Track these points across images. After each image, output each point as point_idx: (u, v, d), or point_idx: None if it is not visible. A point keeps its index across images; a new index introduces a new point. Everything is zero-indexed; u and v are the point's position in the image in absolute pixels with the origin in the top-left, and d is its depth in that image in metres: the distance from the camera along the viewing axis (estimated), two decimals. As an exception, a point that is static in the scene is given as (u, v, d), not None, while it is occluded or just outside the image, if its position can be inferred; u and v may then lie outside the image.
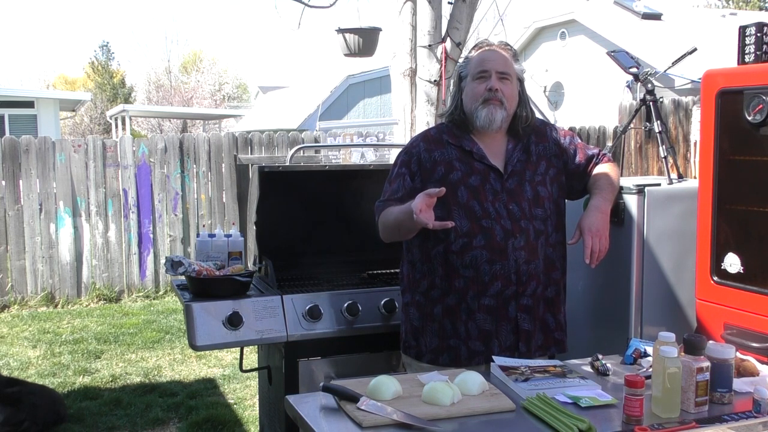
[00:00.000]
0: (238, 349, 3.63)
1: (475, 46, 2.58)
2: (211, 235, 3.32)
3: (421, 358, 2.51)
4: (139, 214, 7.68)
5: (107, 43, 51.16)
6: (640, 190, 3.46)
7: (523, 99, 2.56)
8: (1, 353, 5.77)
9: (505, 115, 2.47)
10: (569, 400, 1.89)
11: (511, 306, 2.43)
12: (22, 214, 7.25)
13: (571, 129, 9.03)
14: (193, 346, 2.76)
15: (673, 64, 4.18)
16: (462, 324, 2.44)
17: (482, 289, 2.41)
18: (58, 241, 7.38)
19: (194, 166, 7.89)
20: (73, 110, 23.43)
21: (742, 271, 2.94)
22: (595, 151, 2.72)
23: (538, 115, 2.78)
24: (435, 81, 4.61)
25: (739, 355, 2.03)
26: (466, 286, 2.42)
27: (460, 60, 2.92)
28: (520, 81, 2.56)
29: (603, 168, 2.67)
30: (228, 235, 3.31)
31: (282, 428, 2.92)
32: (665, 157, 3.90)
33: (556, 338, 2.56)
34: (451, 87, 2.61)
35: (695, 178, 3.38)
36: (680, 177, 3.85)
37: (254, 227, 3.24)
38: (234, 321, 2.74)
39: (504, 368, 2.14)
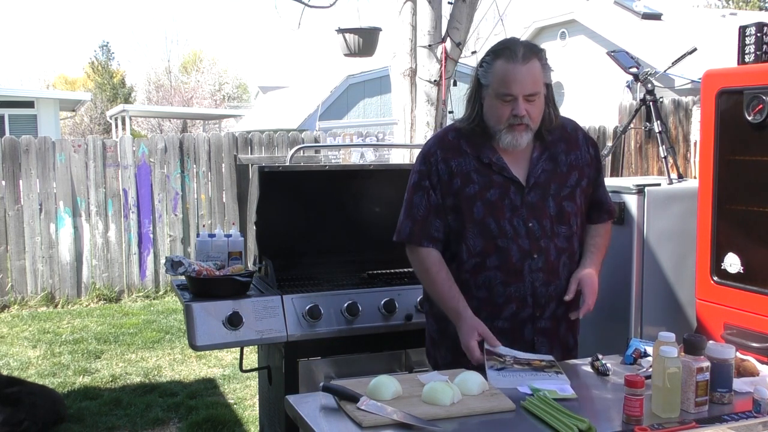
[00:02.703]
0: (238, 349, 3.63)
1: (495, 51, 2.25)
2: (211, 235, 3.32)
3: (437, 369, 2.38)
4: (139, 214, 7.68)
5: (107, 43, 51.11)
6: (640, 190, 3.46)
7: (548, 101, 2.31)
8: (1, 353, 5.77)
9: (531, 136, 2.27)
10: (529, 391, 1.91)
11: (527, 329, 2.30)
12: (22, 214, 7.25)
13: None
14: (193, 346, 2.76)
15: (673, 64, 4.18)
16: None
17: (496, 311, 2.28)
18: (58, 241, 7.38)
19: (194, 166, 7.89)
20: (73, 110, 23.43)
21: (742, 271, 2.94)
22: (611, 203, 2.54)
23: None
24: (435, 81, 4.61)
25: (739, 355, 2.03)
26: (479, 307, 2.28)
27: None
28: (548, 86, 2.29)
29: (607, 227, 2.50)
30: (228, 235, 3.31)
31: (282, 428, 2.92)
32: (665, 157, 3.90)
33: (573, 357, 2.41)
34: (467, 90, 2.36)
35: (695, 178, 3.38)
36: (680, 177, 3.85)
37: (254, 227, 3.24)
38: (234, 321, 2.75)
39: (489, 352, 2.13)
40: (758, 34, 2.92)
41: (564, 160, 2.34)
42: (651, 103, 3.96)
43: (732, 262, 2.98)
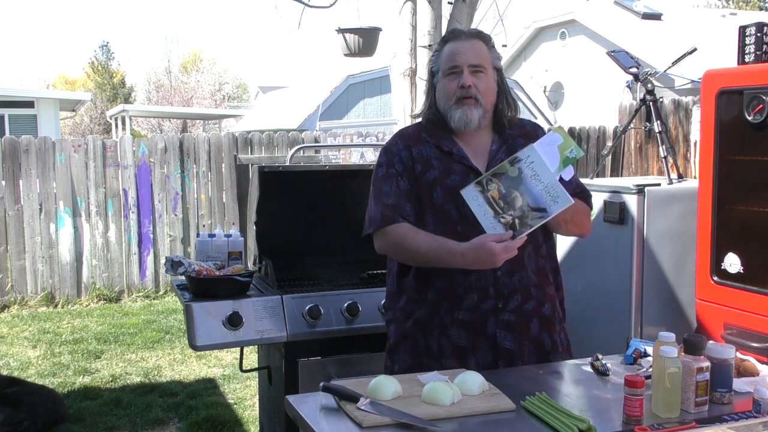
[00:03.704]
0: (238, 349, 3.63)
1: (443, 39, 2.36)
2: (211, 235, 3.32)
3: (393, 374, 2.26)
4: (139, 214, 7.68)
5: (107, 43, 51.16)
6: (640, 190, 3.47)
7: (502, 89, 2.31)
8: (1, 353, 5.77)
9: (482, 113, 2.25)
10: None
11: (490, 322, 2.21)
12: (22, 214, 7.25)
13: (571, 129, 9.02)
14: (193, 346, 2.76)
15: (673, 64, 4.19)
16: (435, 340, 2.25)
17: (456, 301, 2.22)
18: (58, 241, 7.38)
19: (194, 166, 7.89)
20: (73, 110, 23.43)
21: (742, 271, 2.94)
22: (582, 185, 2.43)
23: (537, 114, 2.71)
24: (435, 81, 4.60)
25: (739, 355, 2.03)
26: (439, 298, 2.23)
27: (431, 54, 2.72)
28: (498, 70, 2.31)
29: (580, 206, 2.32)
30: (228, 235, 3.31)
31: (282, 428, 2.92)
32: (665, 157, 3.91)
33: (551, 362, 2.30)
34: (425, 84, 2.39)
35: (695, 178, 3.38)
36: (680, 177, 3.85)
37: (254, 227, 3.24)
38: (234, 321, 2.75)
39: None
40: (758, 34, 2.92)
41: None
42: (651, 103, 3.97)
43: (732, 262, 2.98)
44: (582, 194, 2.36)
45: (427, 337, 2.27)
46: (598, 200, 3.65)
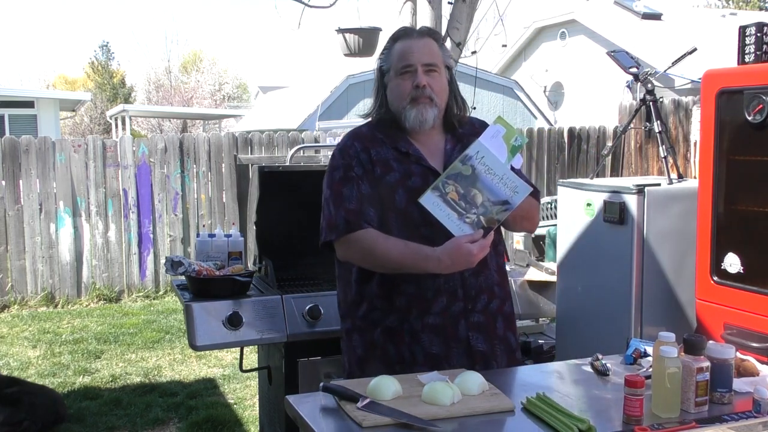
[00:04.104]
0: (238, 349, 3.63)
1: (393, 37, 2.29)
2: (211, 235, 3.32)
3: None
4: (139, 214, 7.68)
5: (107, 43, 51.12)
6: (640, 190, 3.47)
7: (453, 89, 2.29)
8: (1, 353, 5.77)
9: (437, 112, 2.22)
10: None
11: (461, 324, 2.19)
12: (22, 214, 7.26)
13: (572, 129, 9.03)
14: (193, 346, 2.76)
15: (673, 64, 4.18)
16: (406, 348, 2.19)
17: (426, 306, 2.17)
18: (58, 241, 7.38)
19: (194, 166, 7.89)
20: (73, 110, 23.43)
21: (742, 271, 2.94)
22: (530, 181, 2.34)
23: (537, 114, 2.70)
24: (435, 81, 4.60)
25: (739, 355, 2.03)
26: (408, 304, 2.18)
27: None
28: (449, 69, 2.28)
29: (531, 202, 2.28)
30: (228, 235, 3.31)
31: (282, 428, 2.92)
32: (665, 157, 3.90)
33: (518, 359, 2.32)
34: (374, 83, 2.31)
35: (695, 178, 3.38)
36: (680, 177, 3.85)
37: (254, 227, 3.24)
38: (234, 321, 2.75)
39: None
40: (758, 34, 2.92)
41: None
42: (651, 103, 3.96)
43: (732, 262, 2.98)
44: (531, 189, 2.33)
45: (398, 345, 2.20)
46: (598, 200, 3.65)
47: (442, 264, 2.07)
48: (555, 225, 4.38)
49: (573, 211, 3.82)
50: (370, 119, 2.34)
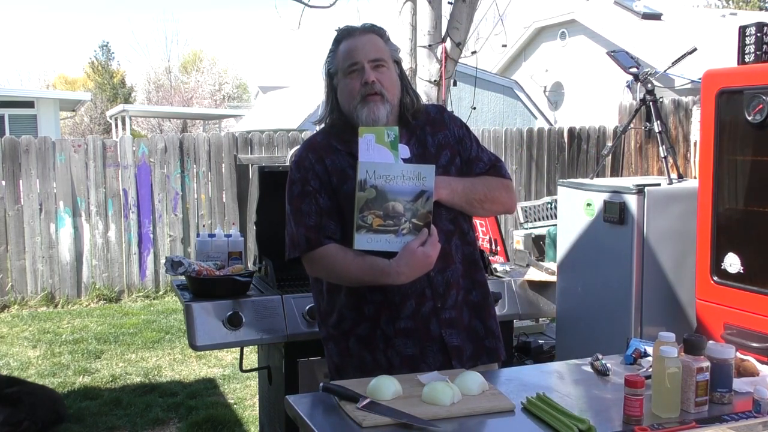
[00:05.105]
0: (238, 349, 3.63)
1: (336, 39, 2.24)
2: (211, 235, 3.32)
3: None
4: (139, 214, 7.68)
5: (107, 43, 50.93)
6: (640, 190, 3.47)
7: (404, 83, 2.23)
8: (1, 353, 5.77)
9: (389, 108, 2.17)
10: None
11: (433, 324, 2.17)
12: (22, 214, 7.26)
13: (572, 129, 9.03)
14: (193, 346, 2.76)
15: (673, 64, 4.18)
16: (381, 354, 2.17)
17: (395, 312, 2.15)
18: (58, 241, 7.38)
19: (194, 166, 7.89)
20: (73, 110, 23.43)
21: (742, 271, 2.94)
22: (494, 158, 2.35)
23: (537, 114, 2.68)
24: (435, 81, 4.61)
25: (739, 355, 2.03)
26: (377, 311, 2.16)
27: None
28: (397, 63, 2.24)
29: (499, 181, 2.27)
30: (228, 235, 3.31)
31: (282, 428, 2.92)
32: (665, 157, 3.91)
33: (487, 347, 2.27)
34: (324, 88, 2.27)
35: (695, 178, 3.38)
36: (680, 177, 3.85)
37: (254, 227, 3.24)
38: (234, 321, 2.75)
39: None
40: (758, 34, 2.92)
41: (431, 141, 2.24)
42: (651, 103, 3.97)
43: (732, 262, 2.98)
44: (494, 168, 2.30)
45: (372, 351, 2.19)
46: (598, 200, 3.65)
47: (402, 276, 2.05)
48: (555, 225, 4.38)
49: (573, 211, 3.82)
50: (323, 125, 2.29)
